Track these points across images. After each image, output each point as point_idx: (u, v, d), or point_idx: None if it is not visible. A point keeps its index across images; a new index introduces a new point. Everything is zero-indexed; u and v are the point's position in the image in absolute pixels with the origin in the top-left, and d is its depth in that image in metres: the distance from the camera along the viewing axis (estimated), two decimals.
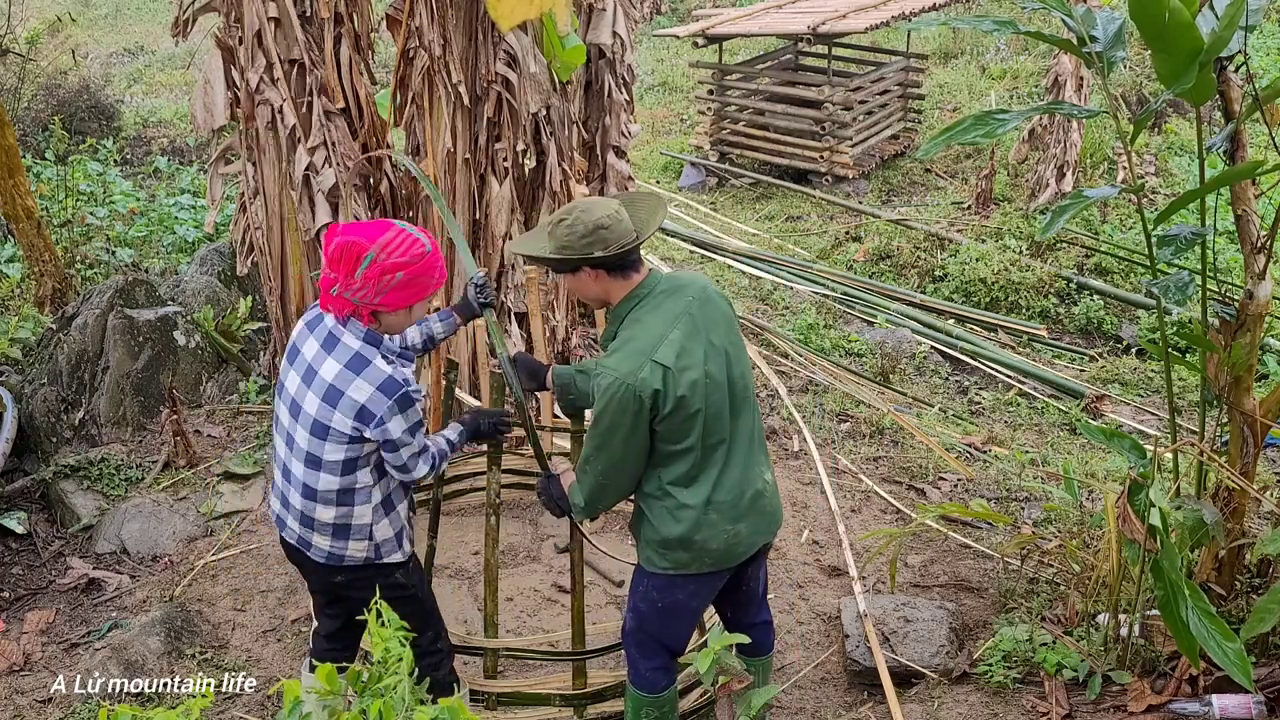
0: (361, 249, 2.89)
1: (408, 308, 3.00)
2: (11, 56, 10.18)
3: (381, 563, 3.17)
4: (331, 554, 3.13)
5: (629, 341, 2.89)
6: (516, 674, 3.86)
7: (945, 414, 6.09)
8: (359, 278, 2.90)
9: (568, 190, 5.31)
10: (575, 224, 2.89)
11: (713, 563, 3.04)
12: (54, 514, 5.03)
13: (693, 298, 2.99)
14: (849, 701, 3.89)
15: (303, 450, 3.02)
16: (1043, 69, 11.63)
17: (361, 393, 2.91)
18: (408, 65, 4.75)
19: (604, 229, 2.88)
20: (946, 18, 3.44)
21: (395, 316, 3.00)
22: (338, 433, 2.95)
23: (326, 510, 3.05)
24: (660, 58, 15.02)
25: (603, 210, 2.91)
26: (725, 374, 2.97)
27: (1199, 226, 3.27)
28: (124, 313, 5.48)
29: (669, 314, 2.93)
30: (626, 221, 2.92)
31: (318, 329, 3.03)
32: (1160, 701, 3.36)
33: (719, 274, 8.14)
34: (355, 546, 3.12)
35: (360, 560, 3.14)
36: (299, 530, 3.14)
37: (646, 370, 2.82)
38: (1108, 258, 7.97)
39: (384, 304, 2.94)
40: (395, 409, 2.92)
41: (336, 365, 2.94)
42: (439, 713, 2.15)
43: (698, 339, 2.92)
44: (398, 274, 2.91)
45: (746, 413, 3.06)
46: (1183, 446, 3.60)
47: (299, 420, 3.01)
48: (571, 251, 2.90)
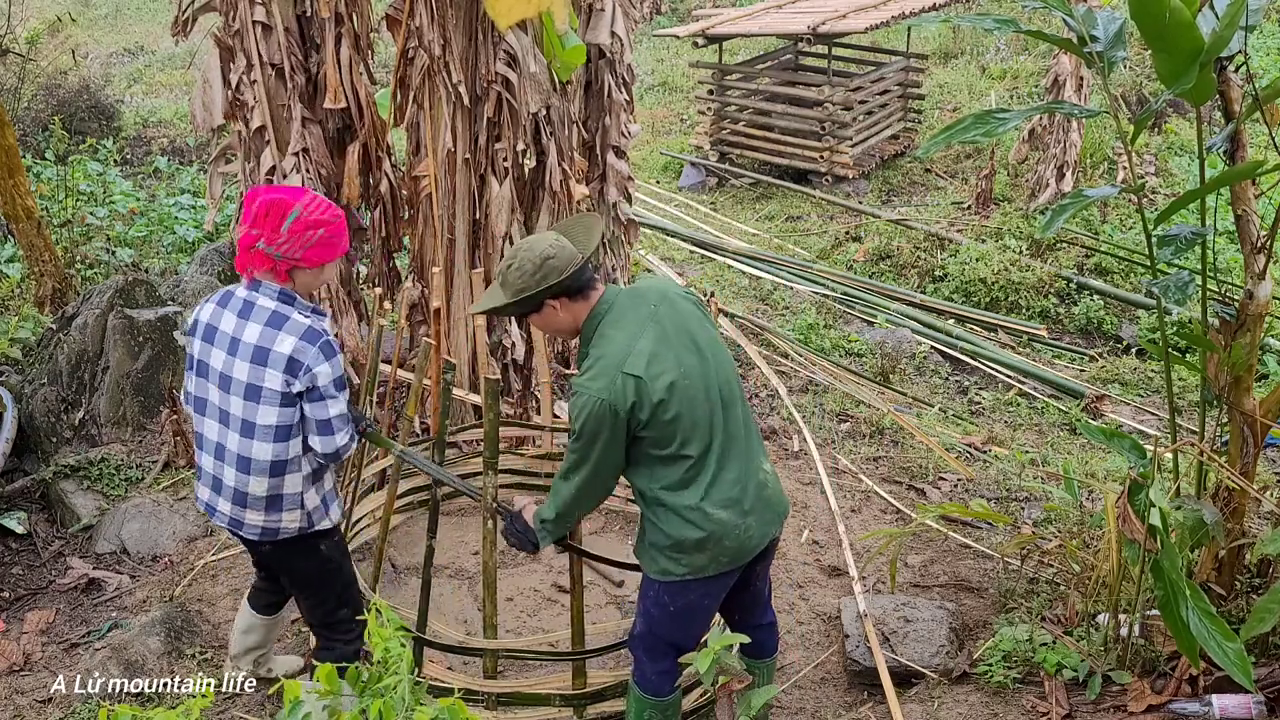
0: (287, 205, 3.08)
1: (320, 266, 3.17)
2: (11, 56, 10.18)
3: (312, 532, 3.30)
4: (265, 529, 3.25)
5: (599, 359, 2.93)
6: (516, 674, 3.86)
7: (945, 414, 6.09)
8: (284, 232, 3.07)
9: (568, 190, 5.31)
10: (523, 264, 2.96)
11: (729, 560, 3.05)
12: (54, 514, 5.03)
13: (654, 304, 3.02)
14: (849, 701, 3.89)
15: (238, 420, 3.13)
16: (1043, 69, 11.63)
17: (286, 345, 3.06)
18: (408, 65, 4.75)
19: (551, 259, 2.95)
20: (947, 17, 3.44)
21: (309, 275, 3.17)
22: (270, 392, 3.07)
23: (259, 483, 3.16)
24: (660, 58, 15.02)
25: (543, 243, 2.99)
26: (703, 371, 2.99)
27: (1199, 226, 3.27)
28: (124, 313, 5.48)
29: (634, 323, 2.97)
30: (569, 246, 3.00)
31: (230, 303, 3.17)
32: (1160, 701, 3.36)
33: (719, 274, 8.14)
34: (288, 518, 3.24)
35: (294, 531, 3.27)
36: (230, 511, 3.25)
37: (619, 383, 2.86)
38: (1108, 258, 7.97)
39: (304, 259, 3.11)
40: (321, 356, 3.08)
41: (258, 327, 3.09)
42: (439, 713, 2.15)
43: (667, 343, 2.95)
44: (319, 230, 3.10)
45: (735, 406, 3.07)
46: (1183, 446, 3.60)
47: (231, 391, 3.12)
48: (529, 290, 2.96)
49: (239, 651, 3.85)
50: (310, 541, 3.34)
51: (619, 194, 6.40)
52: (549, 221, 5.39)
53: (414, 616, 3.64)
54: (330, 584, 3.46)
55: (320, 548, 3.37)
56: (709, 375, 3.01)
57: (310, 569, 3.42)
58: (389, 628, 2.30)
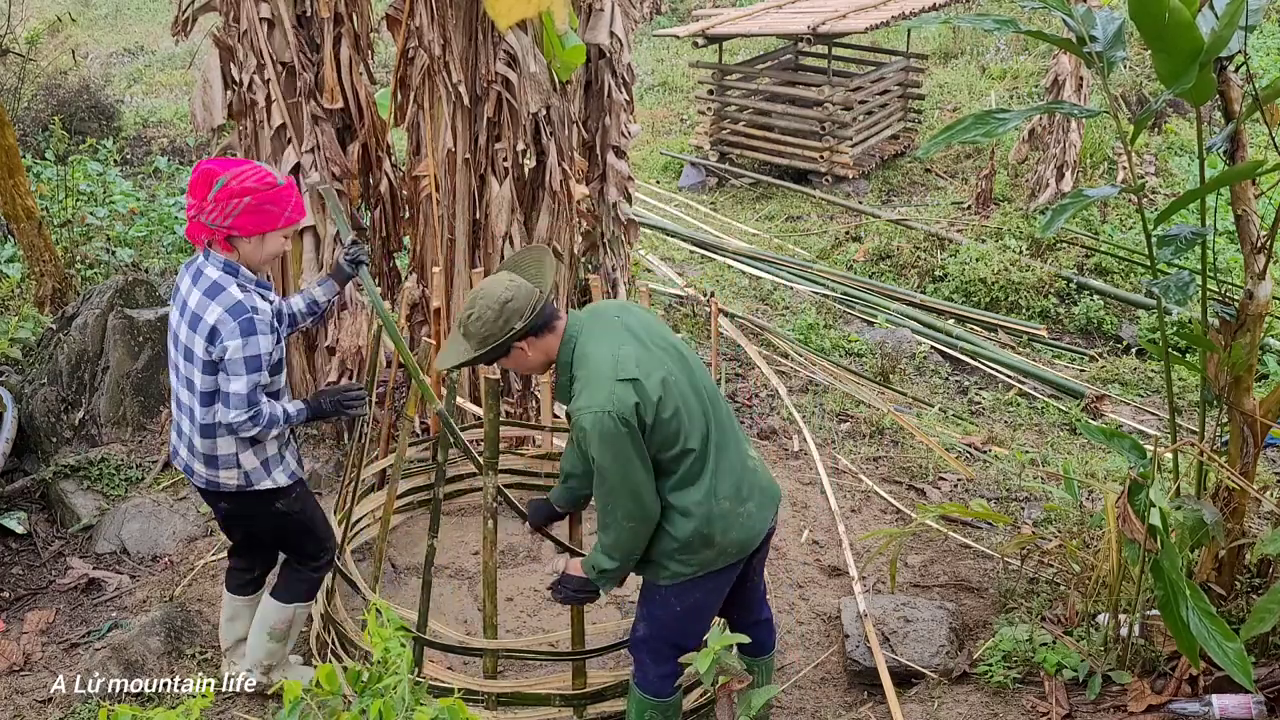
0: (215, 175, 3.19)
1: (259, 236, 3.25)
2: (11, 56, 10.18)
3: (255, 491, 3.43)
4: (209, 481, 3.42)
5: (587, 379, 2.90)
6: (516, 674, 3.86)
7: (945, 414, 6.09)
8: (210, 200, 3.18)
9: (568, 190, 5.31)
10: (483, 312, 2.94)
11: (736, 551, 3.07)
12: (54, 514, 5.03)
13: (617, 314, 3.05)
14: (849, 701, 3.89)
15: (185, 377, 3.33)
16: (1043, 69, 11.63)
17: (213, 315, 3.20)
18: (408, 65, 4.75)
19: (509, 302, 2.92)
20: (947, 17, 3.44)
21: (249, 245, 3.26)
22: (199, 359, 3.24)
23: (199, 440, 3.35)
24: (660, 58, 15.02)
25: (498, 287, 2.96)
26: (684, 365, 3.02)
27: (1199, 226, 3.27)
28: (124, 313, 5.48)
29: (608, 335, 2.96)
30: (524, 284, 2.97)
31: (192, 270, 3.33)
32: (1160, 701, 3.36)
33: (719, 274, 8.14)
34: (226, 475, 3.40)
35: (234, 488, 3.42)
36: (186, 457, 3.44)
37: (619, 391, 2.84)
38: (1108, 258, 7.97)
39: (235, 227, 3.21)
40: (236, 331, 3.18)
41: (198, 294, 3.24)
42: (439, 713, 2.15)
43: (645, 345, 2.96)
44: (245, 198, 3.18)
45: (718, 397, 3.10)
46: (1183, 446, 3.60)
47: (178, 350, 3.33)
48: (495, 338, 2.94)
49: (229, 644, 3.90)
50: (259, 498, 3.46)
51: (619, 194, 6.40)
52: (549, 221, 5.40)
53: (414, 616, 3.64)
54: (287, 535, 3.63)
55: (274, 506, 3.49)
56: (690, 368, 3.04)
57: (265, 525, 3.59)
58: (389, 628, 2.30)
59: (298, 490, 3.55)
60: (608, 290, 6.65)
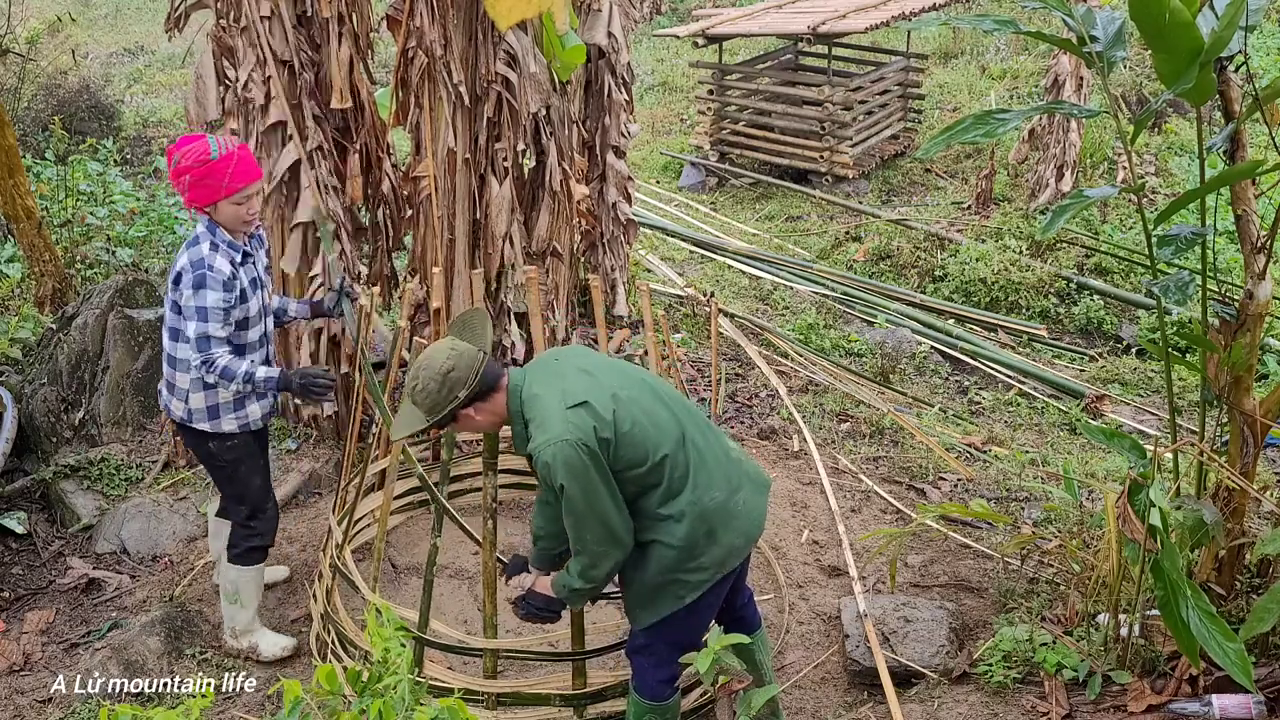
0: (170, 155, 3.61)
1: (214, 204, 3.61)
2: (11, 56, 10.17)
3: (193, 426, 3.81)
4: (167, 407, 3.89)
5: (539, 419, 2.93)
6: (516, 674, 3.86)
7: (945, 414, 6.09)
8: (170, 176, 3.64)
9: (567, 190, 5.31)
10: (427, 384, 2.97)
11: (744, 542, 3.09)
12: (54, 514, 5.03)
13: (554, 359, 3.11)
14: (849, 701, 3.89)
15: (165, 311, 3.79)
16: (1043, 69, 11.62)
17: (180, 261, 3.63)
18: (408, 65, 4.75)
19: (452, 371, 2.95)
20: (947, 17, 3.44)
21: (216, 211, 3.63)
22: (169, 299, 3.70)
23: (166, 368, 3.83)
24: (660, 58, 15.02)
25: (440, 355, 2.98)
26: (632, 379, 3.05)
27: (1199, 226, 3.27)
28: (124, 313, 5.48)
29: (551, 375, 3.01)
30: (467, 349, 2.99)
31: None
32: (1160, 701, 3.36)
33: (719, 274, 8.14)
34: (176, 404, 3.83)
35: (179, 418, 3.84)
36: (164, 388, 3.89)
37: (571, 418, 2.87)
38: (1108, 258, 7.97)
39: (191, 201, 3.62)
40: (191, 282, 3.58)
41: (184, 243, 3.69)
42: (439, 713, 2.15)
43: (587, 373, 3.01)
44: (185, 176, 3.57)
45: (679, 404, 3.12)
46: (1183, 446, 3.60)
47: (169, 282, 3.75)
48: (442, 406, 2.97)
49: (215, 557, 4.35)
50: (197, 435, 3.85)
51: (618, 194, 6.40)
52: (549, 221, 5.40)
53: (414, 616, 3.64)
54: (220, 478, 3.98)
55: (207, 445, 3.86)
56: (645, 382, 3.08)
57: (201, 455, 3.97)
58: (389, 628, 2.30)
59: (234, 441, 3.86)
60: (607, 290, 6.65)
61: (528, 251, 5.36)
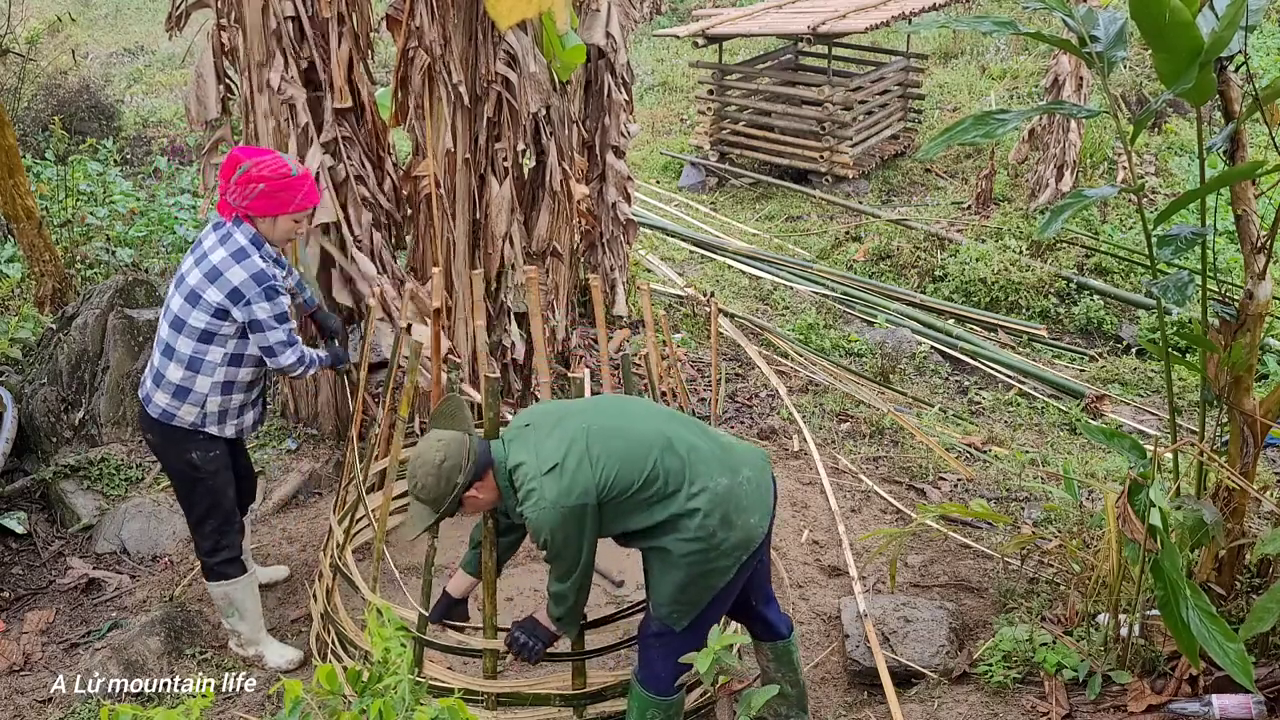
0: (239, 161, 3.67)
1: (273, 218, 3.70)
2: (11, 56, 10.17)
3: (193, 429, 3.79)
4: (165, 411, 3.78)
5: (525, 487, 3.02)
6: (516, 674, 3.86)
7: (945, 414, 6.09)
8: (233, 183, 3.66)
9: (567, 190, 5.31)
10: (425, 480, 3.06)
11: (759, 520, 3.12)
12: (54, 514, 5.03)
13: (524, 422, 3.19)
14: (849, 701, 3.89)
15: (173, 314, 3.73)
16: (1043, 69, 11.62)
17: (237, 277, 3.64)
18: (408, 65, 4.75)
19: (445, 461, 3.04)
20: (946, 19, 3.44)
21: (265, 224, 3.72)
22: (206, 303, 3.65)
23: (176, 369, 3.73)
24: (660, 58, 15.01)
25: (431, 451, 3.08)
26: (600, 410, 3.17)
27: (1199, 226, 3.27)
28: (124, 313, 5.48)
29: (523, 443, 3.11)
30: (454, 437, 3.10)
31: (220, 232, 3.74)
32: (1160, 701, 3.36)
33: (719, 274, 8.14)
34: (187, 409, 3.77)
35: (187, 424, 3.79)
36: (149, 387, 3.82)
37: (556, 479, 2.97)
38: (1108, 258, 7.97)
39: (251, 209, 3.67)
40: (262, 295, 3.65)
41: (225, 253, 3.67)
42: (439, 713, 2.15)
43: (556, 425, 3.10)
44: (260, 185, 3.64)
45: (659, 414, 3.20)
46: (1183, 446, 3.60)
47: (179, 290, 3.72)
48: (445, 496, 3.07)
49: None
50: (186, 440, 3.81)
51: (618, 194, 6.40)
52: (549, 221, 5.39)
53: (414, 617, 3.63)
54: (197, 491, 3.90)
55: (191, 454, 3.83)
56: (605, 404, 3.23)
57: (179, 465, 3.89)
58: (389, 628, 2.30)
59: (217, 451, 3.86)
60: (607, 290, 6.66)
61: (528, 251, 5.36)
